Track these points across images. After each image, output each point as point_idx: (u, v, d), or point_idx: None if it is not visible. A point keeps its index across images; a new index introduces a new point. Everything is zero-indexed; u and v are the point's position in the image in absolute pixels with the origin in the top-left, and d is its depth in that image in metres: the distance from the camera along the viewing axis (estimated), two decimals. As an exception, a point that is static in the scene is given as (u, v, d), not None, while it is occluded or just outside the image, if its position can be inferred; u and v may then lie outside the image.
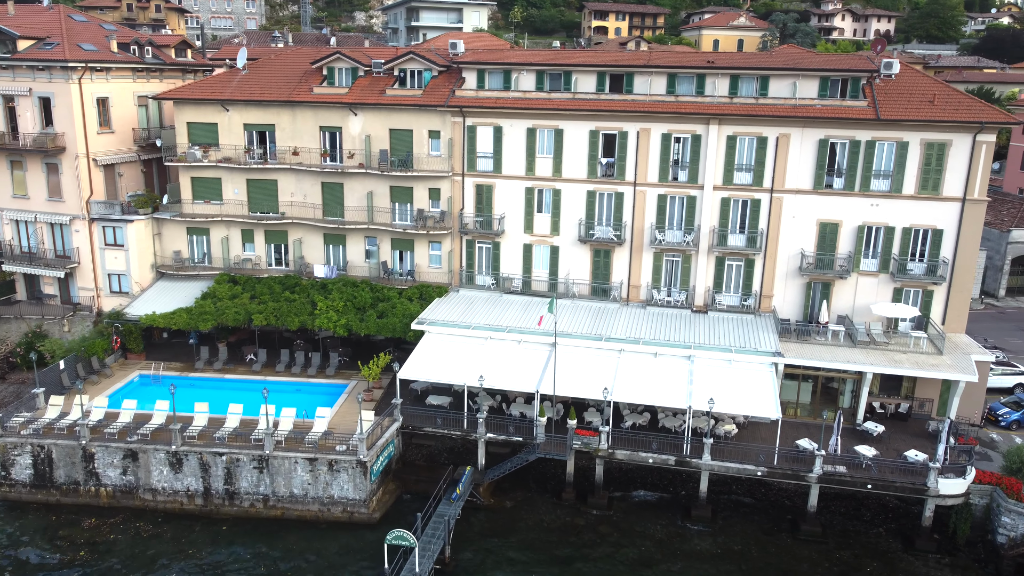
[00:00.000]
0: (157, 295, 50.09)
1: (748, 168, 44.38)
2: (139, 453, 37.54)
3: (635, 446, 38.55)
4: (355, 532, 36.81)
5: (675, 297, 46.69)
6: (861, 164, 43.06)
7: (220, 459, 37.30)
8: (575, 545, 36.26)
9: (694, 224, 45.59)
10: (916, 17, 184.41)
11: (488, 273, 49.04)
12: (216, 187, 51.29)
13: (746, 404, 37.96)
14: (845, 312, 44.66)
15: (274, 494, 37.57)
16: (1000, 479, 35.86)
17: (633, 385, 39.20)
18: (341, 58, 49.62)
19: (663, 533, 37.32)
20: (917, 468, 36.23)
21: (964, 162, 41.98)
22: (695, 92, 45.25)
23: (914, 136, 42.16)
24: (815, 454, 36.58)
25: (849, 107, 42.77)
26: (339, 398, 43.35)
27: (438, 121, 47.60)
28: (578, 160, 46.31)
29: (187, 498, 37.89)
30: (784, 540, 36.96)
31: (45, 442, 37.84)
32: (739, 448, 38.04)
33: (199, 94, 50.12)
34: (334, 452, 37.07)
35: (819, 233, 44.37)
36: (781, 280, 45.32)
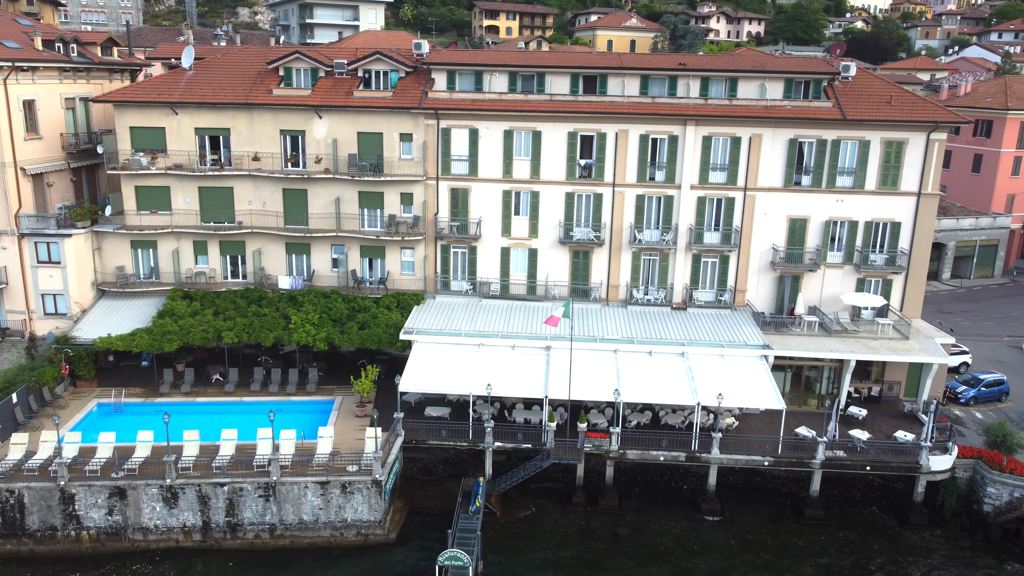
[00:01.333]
0: (103, 316, 46.04)
1: (723, 168, 45.71)
2: (127, 490, 34.35)
3: (645, 445, 38.96)
4: (374, 555, 35.25)
5: (654, 295, 47.47)
6: (827, 162, 45.27)
7: (221, 490, 34.72)
8: (598, 550, 36.24)
9: (671, 223, 46.51)
10: (783, 20, 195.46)
11: (464, 278, 48.14)
12: (164, 196, 47.66)
13: (749, 397, 39.14)
14: (814, 303, 46.86)
15: (281, 522, 35.37)
16: (981, 452, 38.70)
17: (639, 385, 39.58)
18: (301, 58, 47.26)
19: (678, 529, 37.92)
20: (909, 448, 38.51)
21: (919, 159, 44.97)
22: (667, 93, 46.10)
23: (875, 135, 44.75)
24: (817, 441, 38.20)
25: (817, 108, 44.86)
26: (330, 415, 41.31)
27: (410, 123, 46.22)
28: (556, 162, 46.21)
29: (183, 534, 35.05)
30: (791, 525, 38.41)
31: (15, 486, 33.94)
32: (743, 440, 39.18)
33: (144, 96, 46.39)
34: (346, 473, 35.31)
35: (789, 229, 46.31)
36: (754, 275, 46.99)
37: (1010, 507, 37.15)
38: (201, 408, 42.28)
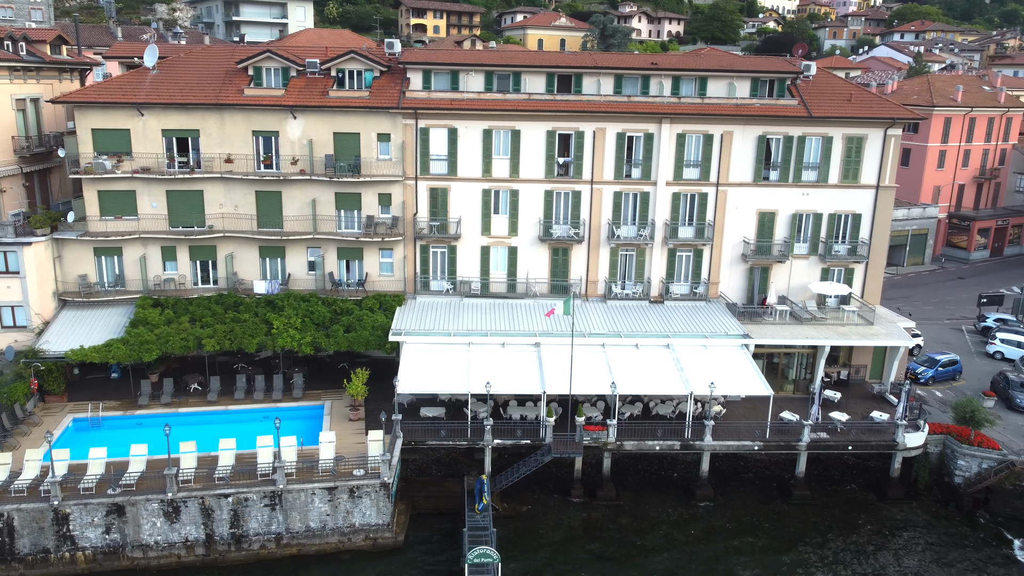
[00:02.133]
0: (68, 327, 43.99)
1: (696, 164, 47.13)
2: (126, 507, 33.05)
3: (641, 436, 39.94)
4: (385, 558, 35.01)
5: (631, 290, 48.56)
6: (793, 158, 47.26)
7: (225, 501, 33.81)
8: (605, 540, 37.01)
9: (648, 219, 47.66)
10: (701, 20, 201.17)
11: (444, 278, 48.10)
12: (129, 201, 45.88)
13: (737, 385, 40.59)
14: (782, 293, 48.87)
15: (288, 531, 34.71)
16: (949, 428, 41.26)
17: (632, 377, 40.48)
18: (272, 57, 46.25)
19: (676, 515, 39.07)
20: (885, 426, 40.73)
21: (877, 153, 47.46)
22: (640, 92, 47.19)
23: (837, 131, 47.00)
24: (803, 424, 39.98)
25: (784, 106, 46.79)
26: (323, 420, 40.68)
27: (388, 123, 45.88)
28: (535, 160, 46.68)
29: (185, 549, 33.96)
30: (781, 506, 40.09)
31: (3, 508, 32.19)
32: (732, 427, 40.61)
33: (108, 96, 44.52)
34: (353, 477, 34.94)
35: (758, 222, 48.14)
36: (727, 267, 48.65)
37: (979, 478, 39.77)
38: (186, 419, 40.95)
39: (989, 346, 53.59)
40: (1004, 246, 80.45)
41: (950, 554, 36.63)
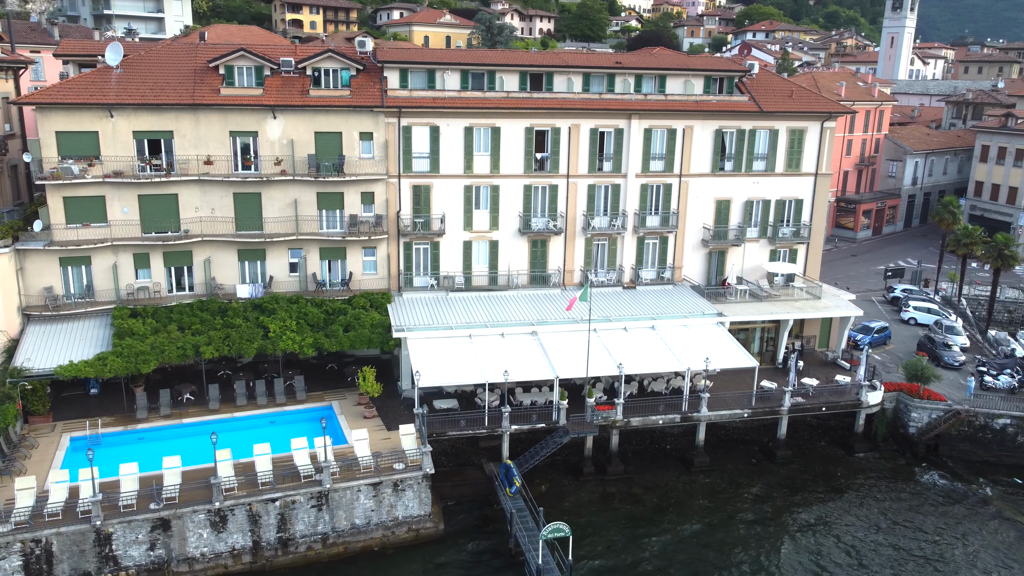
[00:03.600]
0: (41, 344, 41.37)
1: (661, 157, 50.41)
2: (171, 520, 32.11)
3: (645, 412, 42.70)
4: (429, 549, 35.83)
5: (604, 277, 51.25)
6: (745, 149, 51.50)
7: (272, 506, 33.52)
8: (627, 508, 39.51)
9: (619, 210, 50.47)
10: (571, 18, 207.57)
11: (428, 274, 48.86)
12: (98, 207, 43.64)
13: (726, 359, 44.16)
14: (737, 274, 53.14)
15: (334, 530, 34.82)
16: (900, 386, 46.72)
17: (629, 358, 43.09)
18: (245, 55, 45.25)
19: (683, 483, 42.18)
20: (851, 388, 45.60)
21: (815, 144, 52.56)
22: (606, 90, 49.86)
23: (782, 125, 51.65)
24: (783, 390, 44.10)
25: (737, 102, 50.88)
26: (338, 420, 40.67)
27: (370, 122, 46.11)
28: (514, 156, 48.32)
29: (232, 558, 33.38)
30: (769, 467, 44.09)
31: (41, 534, 30.48)
32: (722, 398, 44.11)
33: (74, 97, 42.13)
34: (395, 472, 35.52)
35: (716, 209, 52.10)
36: (689, 252, 52.33)
37: (929, 427, 45.41)
38: (191, 429, 39.76)
39: (903, 313, 60.38)
40: (883, 225, 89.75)
41: (915, 493, 41.83)
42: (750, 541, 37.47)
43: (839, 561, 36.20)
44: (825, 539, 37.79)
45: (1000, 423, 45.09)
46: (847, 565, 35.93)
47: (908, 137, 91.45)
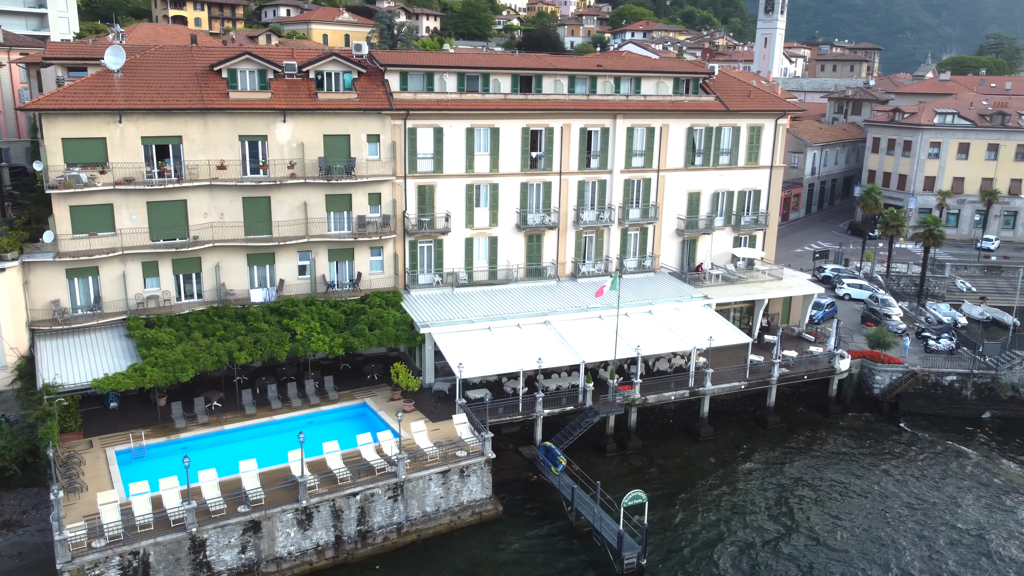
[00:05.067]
0: (57, 358, 39.87)
1: (641, 154, 54.13)
2: (262, 522, 32.52)
3: (659, 389, 46.24)
4: (493, 529, 37.75)
5: (591, 268, 54.46)
6: (712, 145, 56.10)
7: (354, 500, 34.48)
8: (658, 480, 42.81)
9: (605, 204, 53.80)
10: (456, 16, 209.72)
11: (431, 272, 50.33)
12: (106, 215, 42.47)
13: (724, 337, 48.36)
14: (707, 260, 57.78)
15: (407, 519, 36.13)
16: (863, 353, 52.67)
17: (639, 340, 46.49)
18: (250, 59, 45.14)
19: (695, 452, 46.09)
20: (825, 357, 51.03)
21: (771, 139, 57.93)
22: (588, 91, 53.02)
23: (743, 122, 56.64)
24: (772, 363, 48.85)
25: (707, 101, 55.36)
26: (380, 416, 41.70)
27: (377, 124, 47.10)
28: (512, 155, 50.61)
29: (316, 555, 34.08)
30: (763, 433, 48.71)
31: (139, 545, 30.19)
32: (722, 372, 48.26)
33: (81, 103, 40.79)
34: (459, 459, 37.25)
35: (688, 201, 56.44)
36: (666, 241, 56.43)
37: (891, 388, 51.57)
38: (235, 435, 39.75)
39: (839, 290, 67.14)
40: (789, 212, 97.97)
41: (882, 443, 47.74)
42: (768, 493, 41.85)
43: (834, 497, 41.28)
44: (820, 485, 42.73)
45: (948, 380, 51.90)
46: (837, 497, 40.91)
47: (805, 131, 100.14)
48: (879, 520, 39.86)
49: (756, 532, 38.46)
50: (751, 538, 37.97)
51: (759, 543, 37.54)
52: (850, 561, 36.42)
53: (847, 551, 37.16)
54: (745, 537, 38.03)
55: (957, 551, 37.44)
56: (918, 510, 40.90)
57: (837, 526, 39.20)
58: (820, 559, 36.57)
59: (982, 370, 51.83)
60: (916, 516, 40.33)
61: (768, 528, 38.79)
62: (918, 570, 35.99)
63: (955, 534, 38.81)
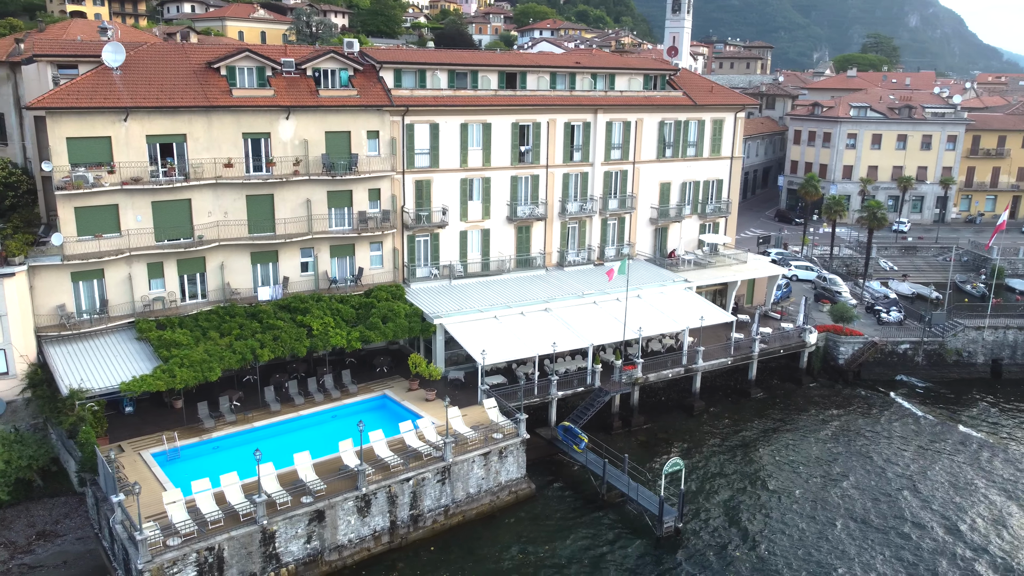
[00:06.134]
0: (71, 364, 38.92)
1: (619, 147, 56.83)
2: (326, 511, 33.11)
3: (658, 368, 49.01)
4: (529, 506, 39.38)
5: (574, 257, 56.78)
6: (681, 138, 59.45)
7: (407, 485, 35.44)
8: (666, 447, 45.55)
9: (588, 195, 56.21)
10: (366, 14, 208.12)
11: (428, 264, 51.39)
12: (111, 216, 41.59)
13: (712, 316, 51.63)
14: (677, 246, 61.14)
15: (453, 501, 37.35)
16: (827, 327, 57.18)
17: (641, 322, 49.14)
18: (250, 56, 44.98)
19: (691, 424, 49.08)
20: (796, 332, 55.18)
21: (731, 132, 61.83)
22: (568, 87, 55.27)
23: (707, 116, 60.24)
24: (753, 339, 52.54)
25: (676, 97, 58.60)
26: (402, 405, 42.59)
27: (376, 121, 47.79)
28: (503, 150, 52.25)
29: (373, 541, 34.86)
30: (748, 404, 52.32)
31: (214, 541, 30.28)
32: (711, 350, 51.49)
33: (87, 101, 39.80)
34: (496, 441, 38.75)
35: (660, 191, 59.61)
36: (641, 229, 59.40)
37: (853, 358, 56.27)
38: (265, 432, 39.71)
39: (787, 271, 71.95)
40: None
41: (850, 407, 52.32)
42: (768, 456, 45.27)
43: (813, 449, 45.20)
44: (805, 444, 46.57)
45: (902, 348, 57.09)
46: (826, 457, 44.87)
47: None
48: (864, 472, 43.90)
49: (765, 491, 41.69)
50: (761, 496, 41.17)
51: (769, 500, 40.77)
52: (842, 507, 40.16)
53: (839, 503, 40.88)
54: (755, 495, 41.18)
55: (931, 492, 41.83)
56: (895, 463, 45.25)
57: (828, 481, 43.00)
58: (822, 507, 40.09)
59: (931, 338, 57.27)
60: (893, 468, 44.64)
61: (774, 486, 42.09)
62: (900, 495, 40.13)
63: (925, 480, 43.29)
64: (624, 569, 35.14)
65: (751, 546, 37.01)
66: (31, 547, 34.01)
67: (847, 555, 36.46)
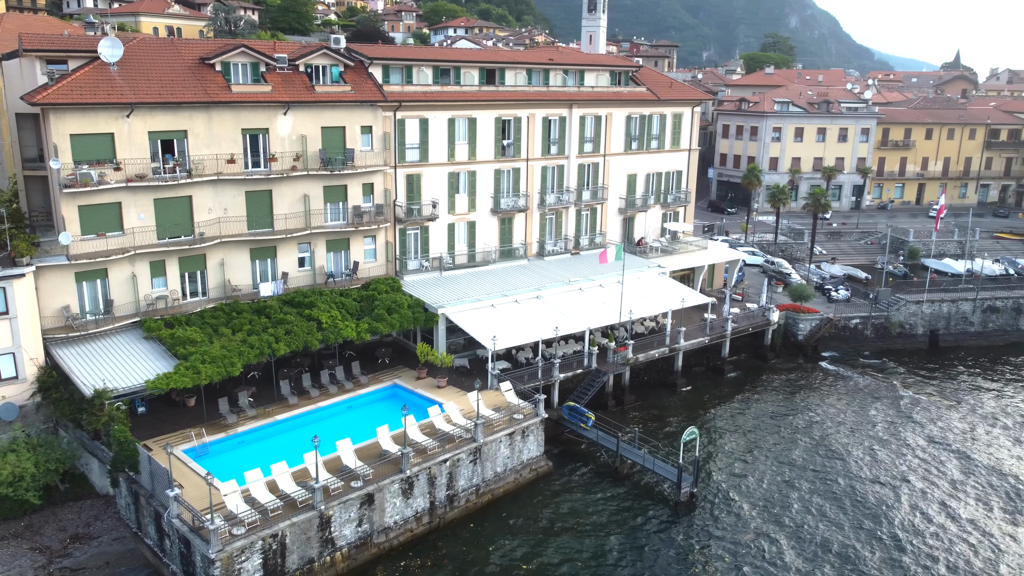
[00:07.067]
0: (84, 366, 38.27)
1: (591, 140, 59.31)
2: (375, 494, 34.03)
3: (646, 348, 51.72)
4: (549, 482, 41.22)
5: (554, 247, 58.94)
6: (645, 131, 62.50)
7: (444, 466, 36.71)
8: (663, 427, 48.25)
9: (563, 187, 58.46)
10: (276, 11, 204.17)
11: (419, 257, 52.42)
12: (114, 214, 40.96)
13: (689, 299, 54.77)
14: (642, 234, 64.24)
15: (483, 480, 38.77)
16: (787, 307, 61.43)
17: (629, 306, 51.75)
18: (246, 52, 44.96)
19: (678, 401, 52.07)
20: (761, 311, 59.10)
21: (689, 125, 65.37)
22: (542, 83, 57.35)
23: (668, 110, 63.53)
24: (726, 319, 56.06)
25: (642, 92, 61.55)
26: (414, 392, 43.64)
27: (369, 116, 48.51)
28: (487, 143, 53.80)
29: (415, 522, 35.94)
30: (723, 380, 55.78)
31: (278, 527, 30.76)
32: (690, 330, 54.66)
33: (91, 97, 39.06)
34: (518, 421, 40.44)
35: (627, 183, 62.50)
36: (611, 219, 62.12)
37: (812, 333, 60.71)
38: (287, 424, 40.11)
39: (741, 256, 76.35)
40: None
41: (811, 378, 56.65)
42: (749, 424, 48.64)
43: (789, 417, 48.98)
44: (782, 412, 50.35)
45: (853, 323, 61.97)
46: (802, 423, 48.73)
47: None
48: (833, 429, 47.93)
49: (761, 455, 44.97)
50: (759, 461, 44.41)
51: (767, 463, 44.04)
52: (819, 461, 43.98)
53: (812, 458, 44.72)
54: (753, 461, 44.38)
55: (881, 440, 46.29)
56: (845, 423, 49.54)
57: (811, 442, 46.79)
58: (810, 465, 43.73)
59: (877, 313, 62.41)
60: (848, 425, 48.87)
61: (768, 452, 45.42)
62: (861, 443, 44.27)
63: (878, 434, 47.75)
64: (653, 532, 37.52)
65: (758, 502, 40.10)
66: (67, 551, 33.45)
67: (832, 493, 40.11)
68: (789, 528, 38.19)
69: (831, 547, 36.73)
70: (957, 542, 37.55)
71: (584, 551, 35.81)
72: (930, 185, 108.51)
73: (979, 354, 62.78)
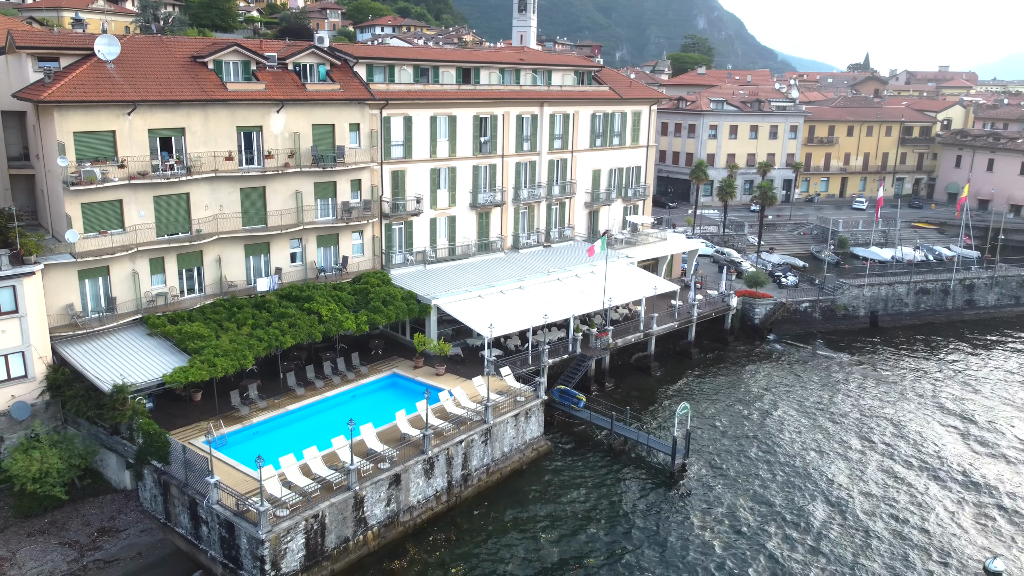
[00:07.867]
0: (95, 363, 38.49)
1: (560, 137, 61.91)
2: (401, 475, 35.62)
3: (624, 334, 54.62)
4: (550, 460, 43.61)
5: (528, 240, 61.29)
6: (608, 129, 65.53)
7: (460, 447, 38.56)
8: (646, 408, 51.25)
9: (535, 182, 60.86)
10: (198, 7, 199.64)
11: (403, 251, 53.92)
12: (115, 212, 41.13)
13: (658, 287, 58.00)
14: (606, 227, 67.28)
15: (493, 460, 40.76)
16: (743, 292, 65.50)
17: (606, 294, 54.53)
18: (239, 51, 45.62)
19: (653, 383, 55.17)
20: (722, 297, 62.92)
21: (647, 123, 68.77)
22: (514, 81, 59.63)
23: (628, 108, 66.74)
24: (692, 304, 59.59)
25: (606, 91, 64.50)
26: (414, 380, 45.22)
27: (358, 114, 49.74)
28: (466, 140, 55.67)
29: (435, 500, 37.67)
30: (691, 363, 59.23)
31: (319, 508, 32.02)
32: (661, 316, 57.90)
33: (93, 95, 39.17)
34: (520, 403, 42.62)
35: (593, 178, 65.39)
36: (578, 213, 64.90)
37: (767, 317, 64.95)
38: (298, 414, 41.17)
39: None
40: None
41: (767, 358, 60.86)
42: (724, 401, 52.16)
43: (756, 394, 52.89)
44: (748, 389, 54.20)
45: (803, 307, 66.57)
46: (769, 399, 52.69)
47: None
48: (795, 405, 51.98)
49: (741, 426, 48.47)
50: (738, 434, 47.86)
51: (748, 432, 47.55)
52: (788, 429, 47.92)
53: (779, 429, 48.64)
54: (733, 435, 47.79)
55: (829, 414, 50.68)
56: (807, 399, 53.82)
57: (784, 417, 50.68)
58: (782, 433, 47.53)
59: (824, 296, 67.20)
60: (807, 397, 53.14)
61: (745, 425, 48.97)
62: (819, 409, 48.46)
63: (829, 405, 52.17)
64: (654, 499, 40.34)
65: (743, 466, 43.47)
66: (97, 544, 33.78)
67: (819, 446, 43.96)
68: (766, 478, 41.70)
69: (801, 486, 40.40)
70: (904, 493, 41.82)
71: (597, 517, 38.35)
72: (852, 179, 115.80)
73: (913, 332, 68.36)
